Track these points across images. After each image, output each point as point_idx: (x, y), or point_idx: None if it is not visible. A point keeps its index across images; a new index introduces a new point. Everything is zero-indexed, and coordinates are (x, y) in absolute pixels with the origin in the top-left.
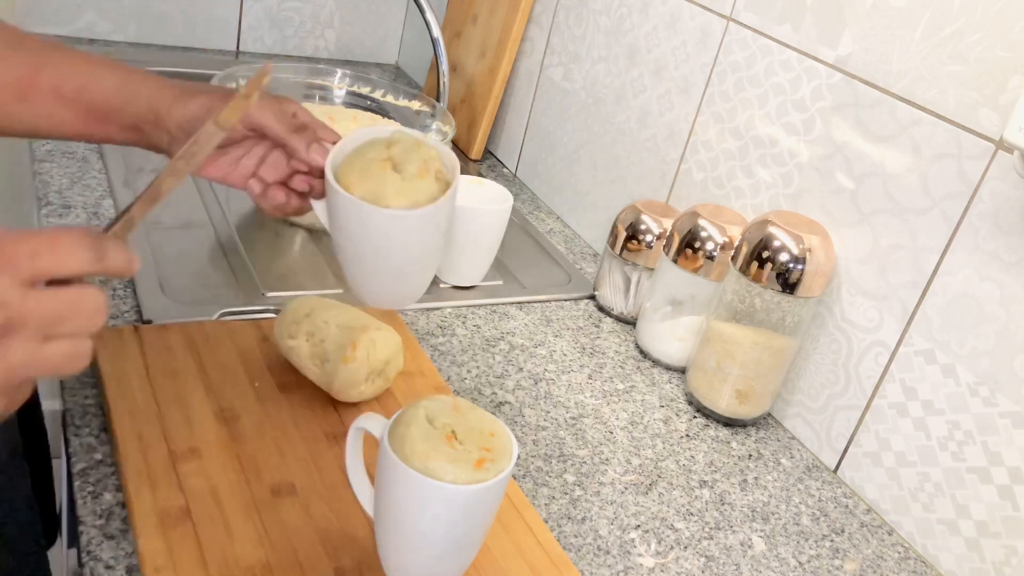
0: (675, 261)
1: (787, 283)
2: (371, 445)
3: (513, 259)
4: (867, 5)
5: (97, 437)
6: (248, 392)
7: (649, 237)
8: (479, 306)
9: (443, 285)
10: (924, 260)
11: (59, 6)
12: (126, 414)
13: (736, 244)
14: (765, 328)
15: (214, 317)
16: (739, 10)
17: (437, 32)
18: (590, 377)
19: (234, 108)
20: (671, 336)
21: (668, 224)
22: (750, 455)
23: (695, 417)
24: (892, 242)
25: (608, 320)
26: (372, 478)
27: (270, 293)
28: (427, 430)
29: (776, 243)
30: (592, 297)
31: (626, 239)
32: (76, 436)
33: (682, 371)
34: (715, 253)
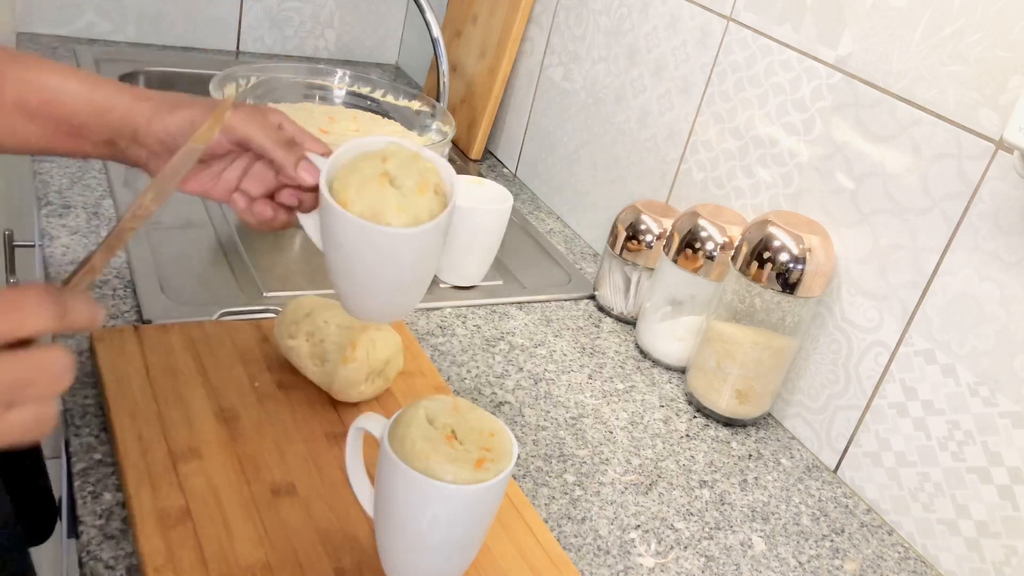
0: (675, 261)
1: (787, 283)
2: (371, 445)
3: (513, 259)
4: (867, 5)
5: (97, 437)
6: (248, 392)
7: (649, 237)
8: (479, 306)
9: (443, 285)
10: (924, 260)
11: (59, 6)
12: (126, 414)
13: (736, 244)
14: (765, 328)
15: (214, 317)
16: (739, 10)
17: (437, 32)
18: (590, 377)
19: (208, 131)
20: (671, 336)
21: (668, 224)
22: (750, 455)
23: (695, 417)
24: (892, 242)
25: (608, 320)
26: (372, 478)
27: (270, 293)
28: (427, 430)
29: (776, 243)
30: (592, 297)
31: (626, 239)
32: (76, 436)
33: (682, 371)
34: (715, 253)
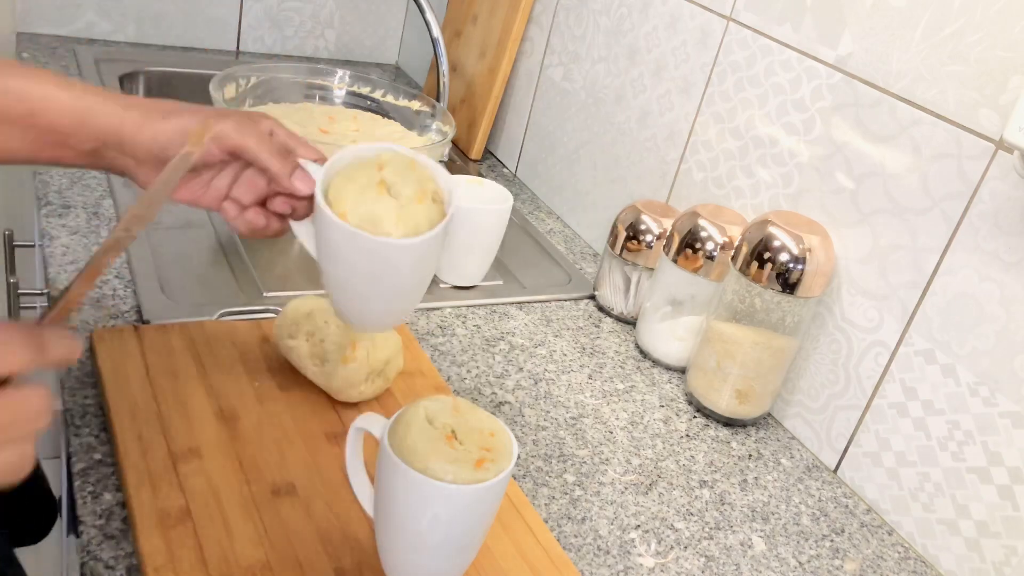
0: (675, 261)
1: (787, 283)
2: (371, 445)
3: (513, 259)
4: (867, 5)
5: (97, 437)
6: (248, 392)
7: (649, 237)
8: (479, 306)
9: (443, 285)
10: (924, 260)
11: (59, 6)
12: (126, 414)
13: (736, 244)
14: (765, 328)
15: (214, 317)
16: (739, 10)
17: (437, 32)
18: (590, 377)
19: (182, 160)
20: (671, 336)
21: (668, 224)
22: (750, 455)
23: (695, 417)
24: (892, 242)
25: (608, 320)
26: (372, 478)
27: (270, 293)
28: (427, 430)
29: (776, 243)
30: (592, 297)
31: (626, 239)
32: (76, 436)
33: (682, 371)
34: (715, 253)
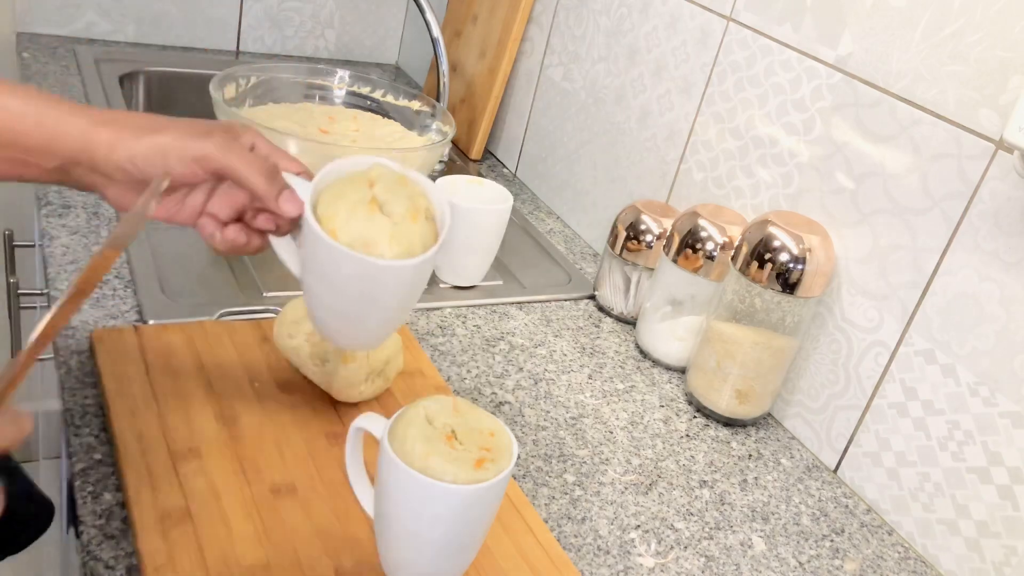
0: (675, 261)
1: (787, 283)
2: (371, 445)
3: (513, 259)
4: (867, 5)
5: (97, 437)
6: (248, 392)
7: (649, 237)
8: (479, 306)
9: (443, 285)
10: (924, 260)
11: (59, 6)
12: (126, 414)
13: (736, 244)
14: (765, 328)
15: (214, 317)
16: (739, 10)
17: (437, 32)
18: (590, 377)
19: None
20: (671, 336)
21: (668, 224)
22: (750, 455)
23: (695, 417)
24: (892, 242)
25: (608, 320)
26: (372, 478)
27: (270, 293)
28: (427, 430)
29: (776, 243)
30: (592, 297)
31: (626, 239)
32: (76, 436)
33: (682, 371)
34: (715, 253)
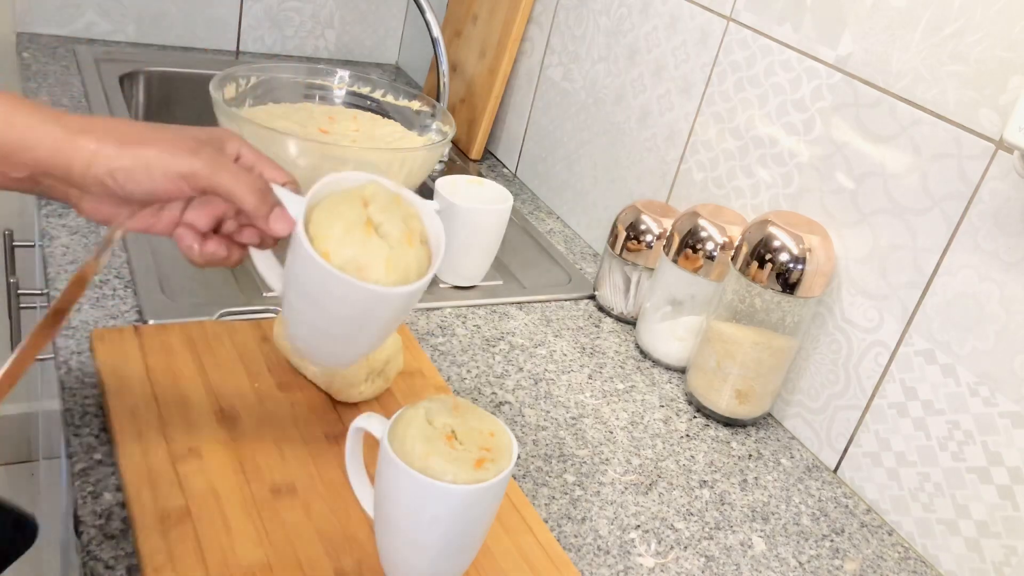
0: (675, 261)
1: (787, 283)
2: (371, 445)
3: (513, 259)
4: (867, 5)
5: (97, 437)
6: (248, 392)
7: (649, 237)
8: (479, 306)
9: (443, 285)
10: (924, 260)
11: (59, 6)
12: (126, 414)
13: (736, 244)
14: (765, 328)
15: (214, 317)
16: (739, 10)
17: (437, 32)
18: (590, 377)
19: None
20: (671, 336)
21: (668, 224)
22: (750, 455)
23: (695, 417)
24: (892, 242)
25: (608, 320)
26: (372, 478)
27: (270, 293)
28: (427, 430)
29: (776, 243)
30: (592, 297)
31: (626, 239)
32: (76, 436)
33: (682, 371)
34: (715, 253)
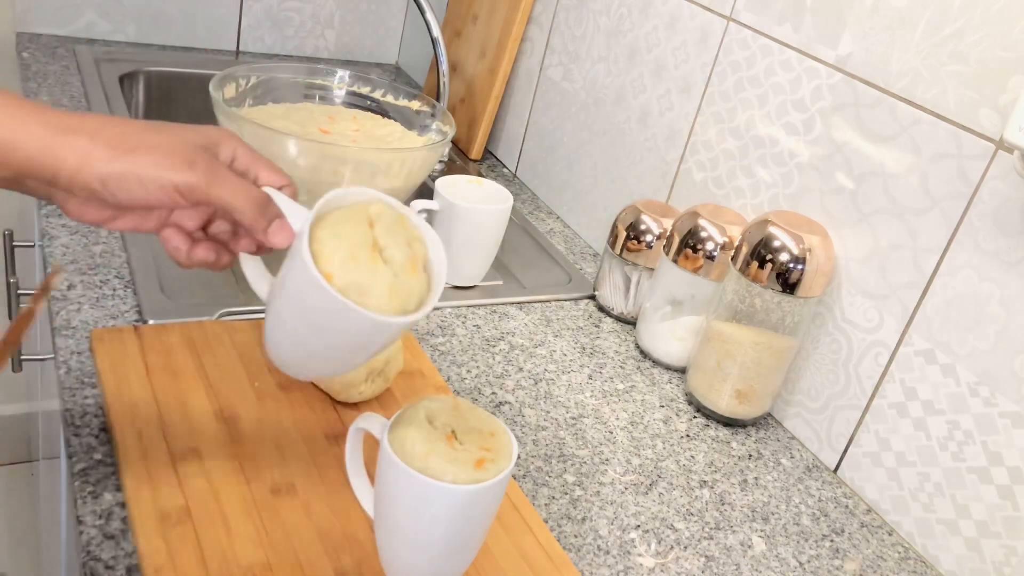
0: (675, 261)
1: (787, 283)
2: (371, 445)
3: (513, 259)
4: (867, 5)
5: (97, 437)
6: (248, 392)
7: (649, 237)
8: (479, 306)
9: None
10: (924, 260)
11: (59, 6)
12: (126, 414)
13: (736, 244)
14: (765, 328)
15: (214, 317)
16: (739, 10)
17: (437, 32)
18: (590, 377)
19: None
20: (671, 336)
21: (668, 224)
22: (750, 455)
23: (695, 417)
24: (892, 242)
25: (608, 320)
26: (372, 478)
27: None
28: (427, 430)
29: (776, 243)
30: (592, 297)
31: (626, 239)
32: (76, 436)
33: (682, 371)
34: (715, 253)
